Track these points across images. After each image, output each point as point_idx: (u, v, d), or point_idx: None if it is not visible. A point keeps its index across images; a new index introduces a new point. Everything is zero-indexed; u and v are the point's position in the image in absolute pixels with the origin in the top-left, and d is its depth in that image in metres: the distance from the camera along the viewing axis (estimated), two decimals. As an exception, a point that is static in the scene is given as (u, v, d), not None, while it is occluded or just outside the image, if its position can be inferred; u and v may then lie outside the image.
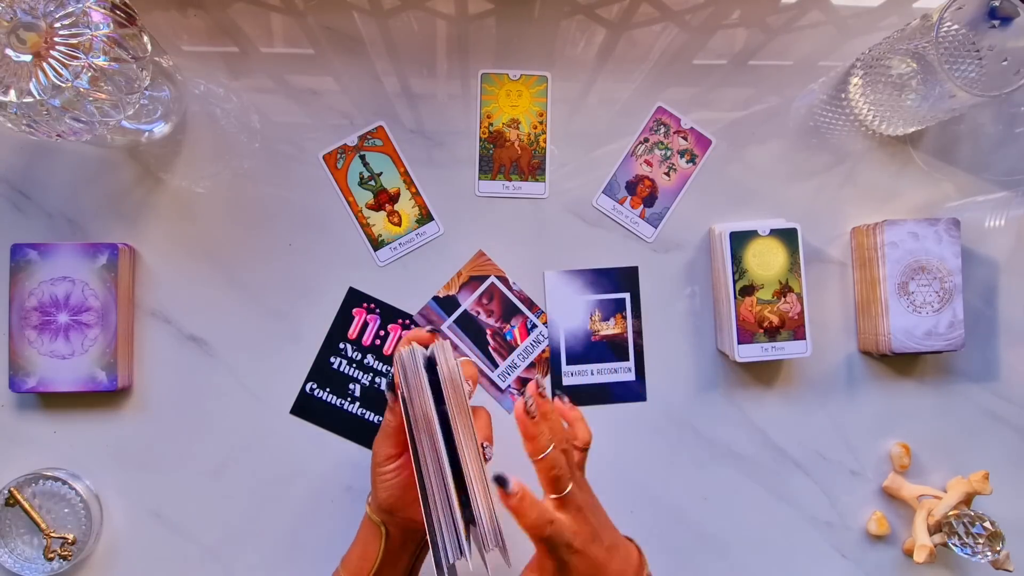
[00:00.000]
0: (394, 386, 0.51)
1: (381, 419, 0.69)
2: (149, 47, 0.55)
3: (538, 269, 0.71)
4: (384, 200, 0.71)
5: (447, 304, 0.71)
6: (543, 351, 0.71)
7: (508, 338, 0.71)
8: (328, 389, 0.70)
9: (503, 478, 0.47)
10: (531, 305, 0.71)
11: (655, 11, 0.72)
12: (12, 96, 0.50)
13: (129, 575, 0.68)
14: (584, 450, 0.54)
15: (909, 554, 0.70)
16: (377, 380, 0.70)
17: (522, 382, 0.70)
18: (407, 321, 0.70)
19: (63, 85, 0.50)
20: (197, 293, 0.69)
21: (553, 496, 0.50)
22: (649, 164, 0.72)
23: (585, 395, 0.70)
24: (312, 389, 0.70)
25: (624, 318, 0.71)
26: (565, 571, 0.49)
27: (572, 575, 0.49)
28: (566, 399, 0.56)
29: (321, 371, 0.70)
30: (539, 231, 0.71)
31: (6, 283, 0.65)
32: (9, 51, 0.50)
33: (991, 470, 0.67)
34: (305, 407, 0.69)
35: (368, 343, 0.70)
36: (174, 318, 0.69)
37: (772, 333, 0.66)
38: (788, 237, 0.67)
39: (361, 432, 0.70)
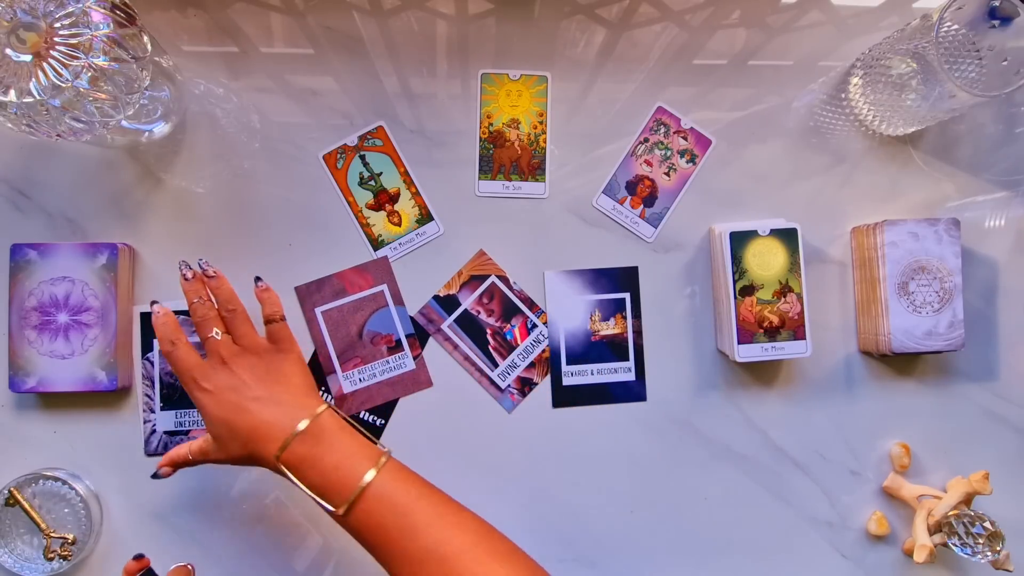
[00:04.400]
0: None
1: (376, 419, 0.69)
2: (149, 47, 0.55)
3: (538, 269, 0.71)
4: (384, 200, 0.71)
5: (447, 303, 0.71)
6: (543, 351, 0.71)
7: (508, 337, 0.71)
8: (322, 388, 0.70)
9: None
10: (531, 305, 0.71)
11: (655, 11, 0.72)
12: (12, 96, 0.50)
13: (129, 575, 0.68)
14: (268, 323, 0.61)
15: (909, 554, 0.70)
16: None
17: (522, 382, 0.70)
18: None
19: (63, 85, 0.50)
20: (197, 293, 0.69)
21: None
22: (649, 164, 0.72)
23: (585, 395, 0.71)
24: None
25: (624, 318, 0.71)
26: (201, 408, 0.57)
27: (203, 412, 0.57)
28: (261, 283, 0.63)
29: (316, 369, 0.70)
30: (539, 231, 0.71)
31: (6, 283, 0.65)
32: (9, 51, 0.50)
33: (991, 470, 0.67)
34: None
35: (368, 343, 0.70)
36: (174, 318, 0.69)
37: (772, 333, 0.66)
38: (788, 237, 0.67)
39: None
